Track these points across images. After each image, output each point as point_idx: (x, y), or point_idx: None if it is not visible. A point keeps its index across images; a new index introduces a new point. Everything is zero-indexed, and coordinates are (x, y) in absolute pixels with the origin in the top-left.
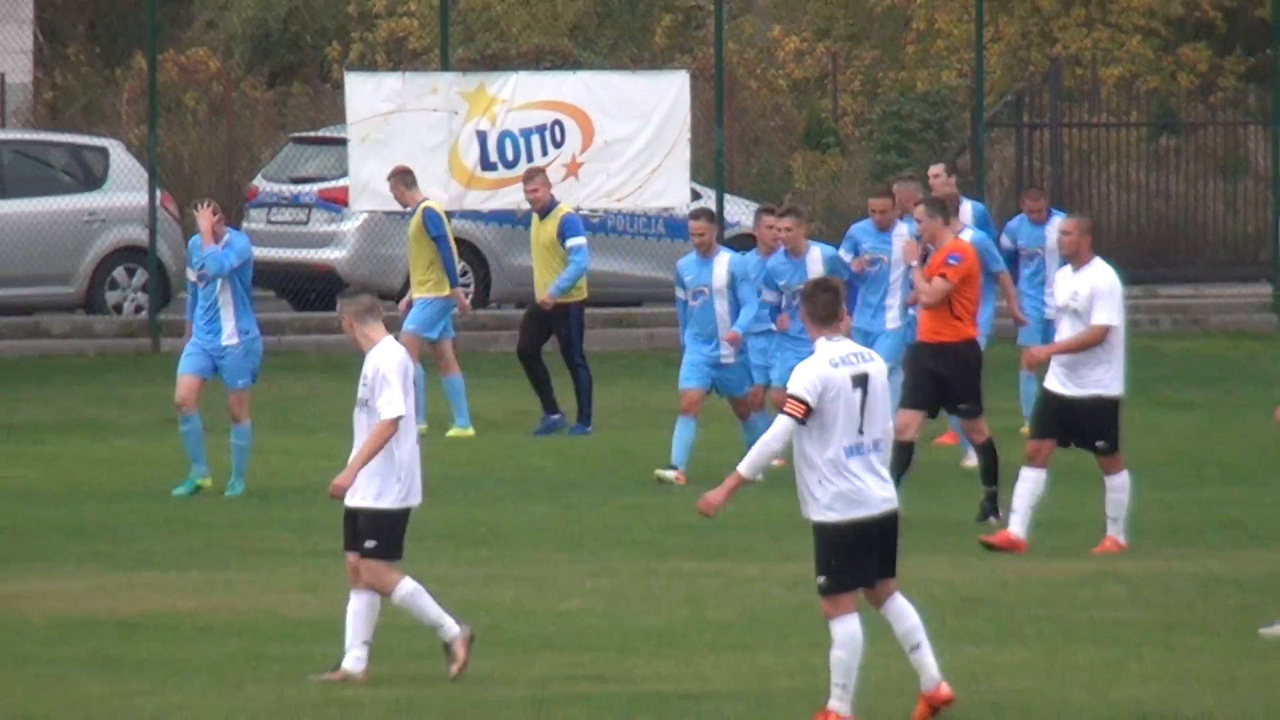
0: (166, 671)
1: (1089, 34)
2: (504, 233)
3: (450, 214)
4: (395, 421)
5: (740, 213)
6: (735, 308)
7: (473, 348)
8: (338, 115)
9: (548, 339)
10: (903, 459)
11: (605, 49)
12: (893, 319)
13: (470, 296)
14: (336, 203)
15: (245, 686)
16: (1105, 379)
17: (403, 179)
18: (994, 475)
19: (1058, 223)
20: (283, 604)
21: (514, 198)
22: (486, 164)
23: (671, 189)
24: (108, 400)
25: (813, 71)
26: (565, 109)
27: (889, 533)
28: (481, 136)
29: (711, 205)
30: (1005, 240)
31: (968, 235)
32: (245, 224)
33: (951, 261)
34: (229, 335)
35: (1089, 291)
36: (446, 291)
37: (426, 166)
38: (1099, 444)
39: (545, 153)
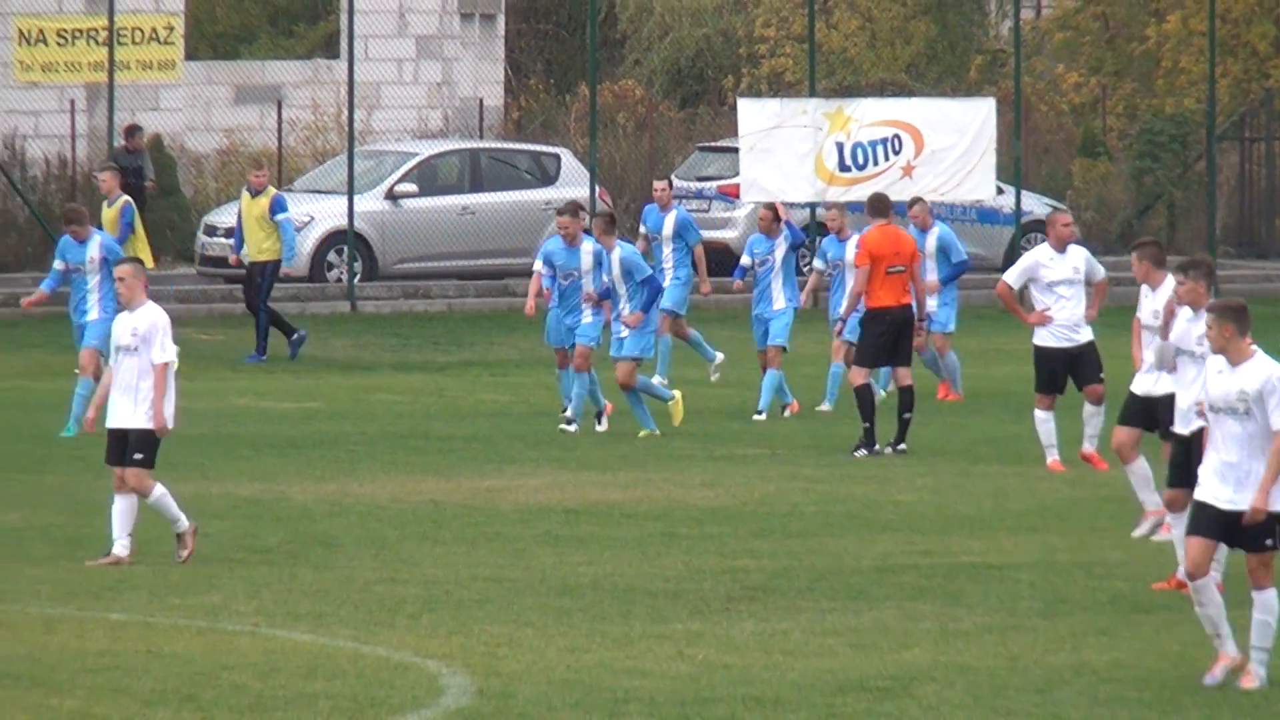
0: (601, 546)
1: None
2: (854, 219)
3: (814, 205)
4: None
5: (1032, 205)
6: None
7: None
8: (732, 130)
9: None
10: None
11: (932, 81)
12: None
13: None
14: (730, 196)
15: (660, 558)
16: None
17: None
18: None
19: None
20: (689, 496)
21: (863, 193)
22: (843, 167)
23: (981, 186)
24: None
25: (1087, 98)
26: (902, 126)
27: None
28: (839, 146)
29: (997, 201)
30: None
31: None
32: None
33: None
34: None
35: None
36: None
37: (798, 169)
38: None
39: (887, 158)
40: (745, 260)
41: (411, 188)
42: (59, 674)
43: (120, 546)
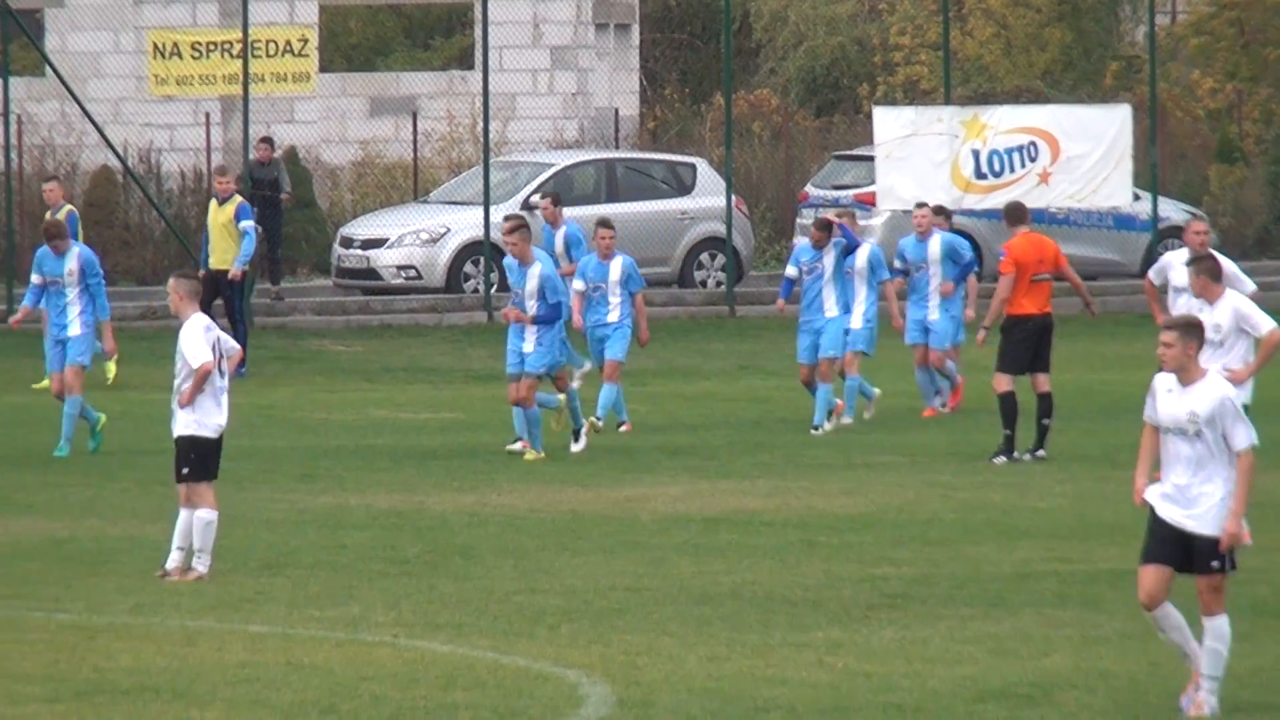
0: (740, 554)
1: None
2: (992, 225)
3: (951, 212)
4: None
5: (1169, 211)
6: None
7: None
8: (867, 138)
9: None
10: None
11: (1068, 88)
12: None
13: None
14: (867, 203)
15: (799, 566)
16: None
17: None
18: None
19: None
20: (828, 504)
21: (999, 200)
22: (979, 174)
23: (1117, 193)
24: (695, 353)
25: (1223, 104)
26: (1038, 133)
27: None
28: (975, 154)
29: (1134, 207)
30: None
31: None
32: (798, 220)
33: None
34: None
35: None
36: None
37: (934, 176)
38: None
39: (1023, 165)
40: (791, 271)
41: None
42: (199, 686)
43: (199, 561)
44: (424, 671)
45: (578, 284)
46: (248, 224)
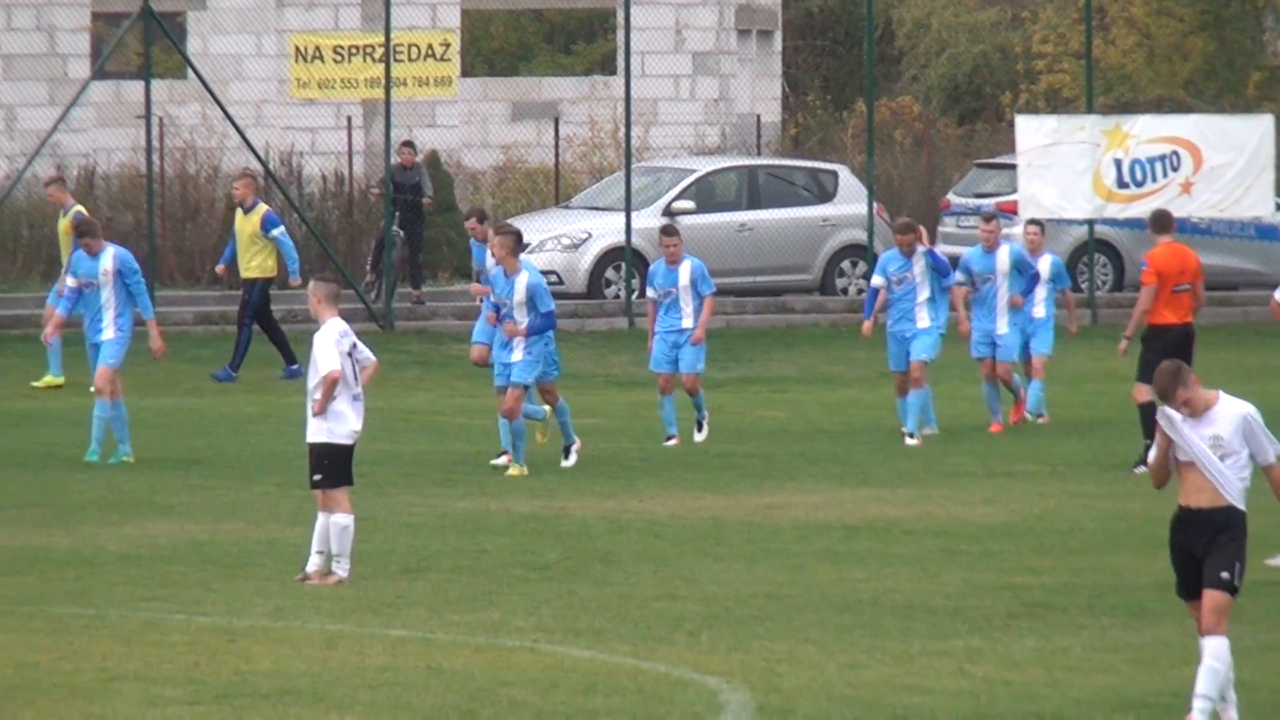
0: (880, 562)
1: None
2: (1134, 235)
3: (1092, 222)
4: None
5: None
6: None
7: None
8: (1009, 146)
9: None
10: None
11: (1210, 97)
12: None
13: (1107, 285)
14: (1008, 212)
15: (940, 575)
16: None
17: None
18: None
19: None
20: (969, 512)
21: (1141, 210)
22: (1121, 184)
23: (1260, 203)
24: (837, 360)
25: None
26: (1181, 143)
27: None
28: (1117, 163)
29: (1276, 217)
30: None
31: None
32: (939, 228)
33: None
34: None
35: None
36: None
37: (1076, 185)
38: None
39: (1165, 175)
40: (877, 280)
41: (689, 204)
42: (339, 690)
43: (339, 565)
44: (563, 677)
45: (651, 291)
46: (278, 232)
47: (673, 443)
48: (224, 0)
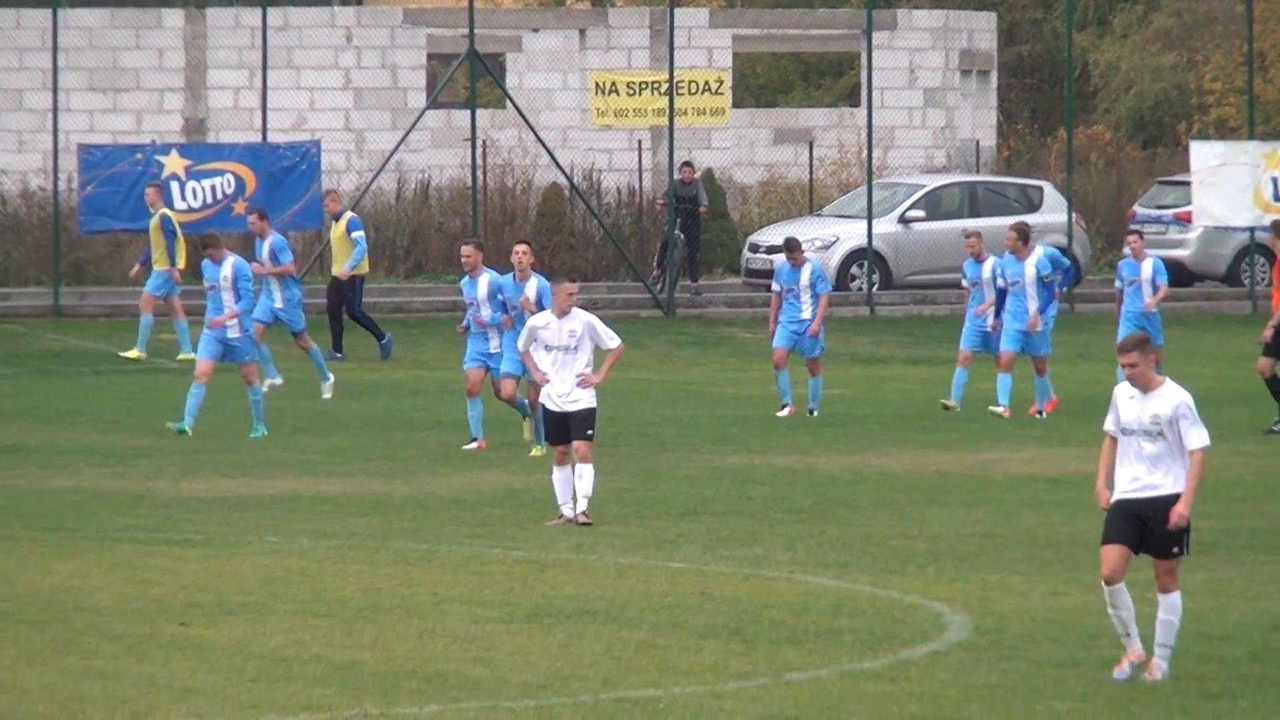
0: (1076, 509)
1: None
2: None
3: (1253, 229)
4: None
5: None
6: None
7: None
8: (1185, 167)
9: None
10: None
11: None
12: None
13: (1265, 280)
14: (1184, 221)
15: None
16: None
17: None
18: None
19: None
20: None
21: None
22: (1277, 198)
23: None
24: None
25: None
26: None
27: None
28: (1274, 181)
29: None
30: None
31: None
32: (1127, 235)
33: None
34: None
35: None
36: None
37: (1239, 199)
38: None
39: None
40: (999, 283)
41: (920, 213)
42: (628, 611)
43: (566, 509)
44: (814, 601)
45: (776, 285)
46: (358, 234)
47: (787, 410)
48: (537, 43)
